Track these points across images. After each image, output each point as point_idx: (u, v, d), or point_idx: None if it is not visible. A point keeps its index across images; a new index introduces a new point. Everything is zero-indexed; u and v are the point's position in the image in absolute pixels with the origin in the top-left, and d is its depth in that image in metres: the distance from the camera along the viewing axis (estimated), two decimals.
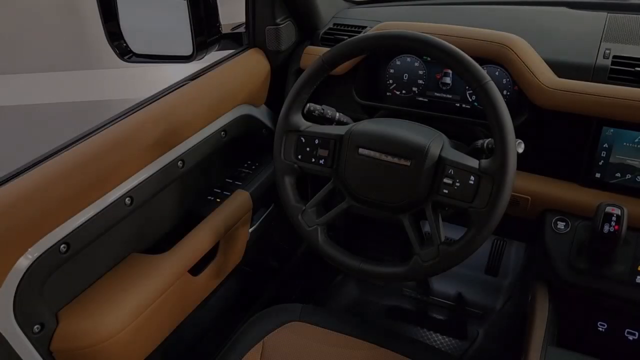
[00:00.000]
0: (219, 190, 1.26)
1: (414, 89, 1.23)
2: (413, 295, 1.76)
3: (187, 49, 1.18)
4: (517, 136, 0.93)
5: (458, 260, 0.91)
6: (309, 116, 1.06)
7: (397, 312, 1.73)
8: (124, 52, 1.17)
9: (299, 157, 1.02)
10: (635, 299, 0.97)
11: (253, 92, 1.28)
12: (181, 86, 1.13)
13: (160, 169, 1.02)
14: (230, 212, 1.19)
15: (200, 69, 1.21)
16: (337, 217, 1.01)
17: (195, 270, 1.11)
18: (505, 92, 1.14)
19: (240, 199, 1.23)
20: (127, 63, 1.20)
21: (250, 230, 1.30)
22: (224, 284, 1.26)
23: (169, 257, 1.04)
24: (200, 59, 1.22)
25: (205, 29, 1.18)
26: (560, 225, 1.05)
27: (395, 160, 0.94)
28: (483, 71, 0.87)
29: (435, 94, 1.22)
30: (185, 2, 1.14)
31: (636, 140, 0.99)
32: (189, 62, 1.20)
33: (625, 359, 0.98)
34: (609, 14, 1.20)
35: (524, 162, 1.08)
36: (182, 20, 1.16)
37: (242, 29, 1.34)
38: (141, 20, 1.19)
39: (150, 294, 0.98)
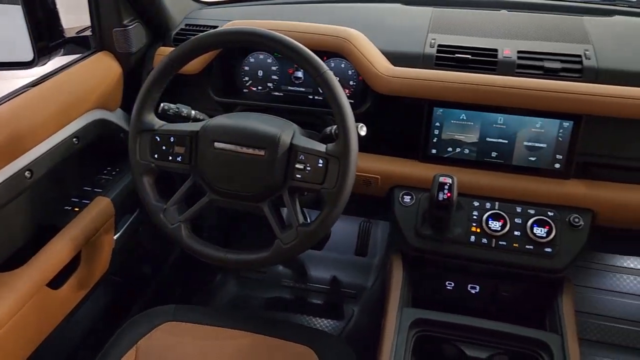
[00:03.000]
0: (77, 199, 1.21)
1: (269, 84, 1.28)
2: (291, 285, 1.83)
3: (28, 55, 1.13)
4: (364, 121, 1.02)
5: (315, 238, 0.97)
6: (164, 116, 1.07)
7: (277, 302, 1.79)
8: None
9: (155, 156, 1.03)
10: (471, 257, 1.11)
11: (105, 96, 1.25)
12: (22, 92, 1.07)
13: (5, 180, 0.97)
14: (90, 220, 1.16)
15: (44, 74, 1.16)
16: (201, 212, 1.03)
17: (56, 283, 1.06)
18: (351, 82, 1.23)
19: (100, 206, 1.20)
20: None
21: (115, 237, 1.27)
22: (92, 295, 1.22)
23: (22, 273, 0.99)
24: (44, 64, 1.17)
25: (46, 33, 1.13)
26: (406, 198, 1.17)
27: (250, 151, 0.98)
28: (321, 62, 0.94)
29: (289, 88, 1.28)
30: (20, 6, 1.09)
31: (461, 118, 1.13)
32: (31, 67, 1.15)
33: (470, 310, 1.12)
34: (434, 9, 1.34)
35: (372, 145, 1.19)
36: (19, 25, 1.11)
37: (88, 32, 1.30)
38: None
39: (4, 313, 0.93)
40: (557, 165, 1.11)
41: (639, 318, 1.64)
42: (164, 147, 1.02)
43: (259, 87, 1.29)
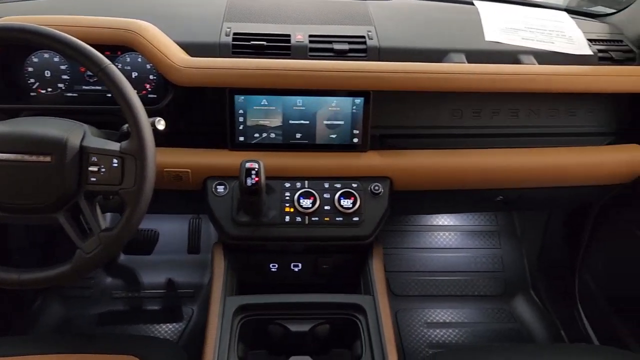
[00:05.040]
0: None
1: (60, 85, 1.18)
2: (124, 296, 1.73)
3: None
4: (168, 115, 0.98)
5: (121, 242, 0.93)
6: None
7: (110, 316, 1.68)
8: None
9: None
10: (288, 236, 1.15)
11: None
12: None
13: None
14: None
15: None
16: None
17: None
18: (151, 76, 1.18)
19: None
20: None
21: None
22: None
23: None
24: None
25: None
26: (220, 188, 1.16)
27: (34, 158, 0.90)
28: (101, 56, 0.89)
29: (84, 87, 1.19)
30: None
31: (262, 103, 1.15)
32: None
33: (295, 287, 1.16)
34: None
35: (181, 139, 1.16)
36: None
37: None
38: None
39: None
40: (356, 140, 1.19)
41: (447, 268, 1.85)
42: None
43: (49, 89, 1.18)
